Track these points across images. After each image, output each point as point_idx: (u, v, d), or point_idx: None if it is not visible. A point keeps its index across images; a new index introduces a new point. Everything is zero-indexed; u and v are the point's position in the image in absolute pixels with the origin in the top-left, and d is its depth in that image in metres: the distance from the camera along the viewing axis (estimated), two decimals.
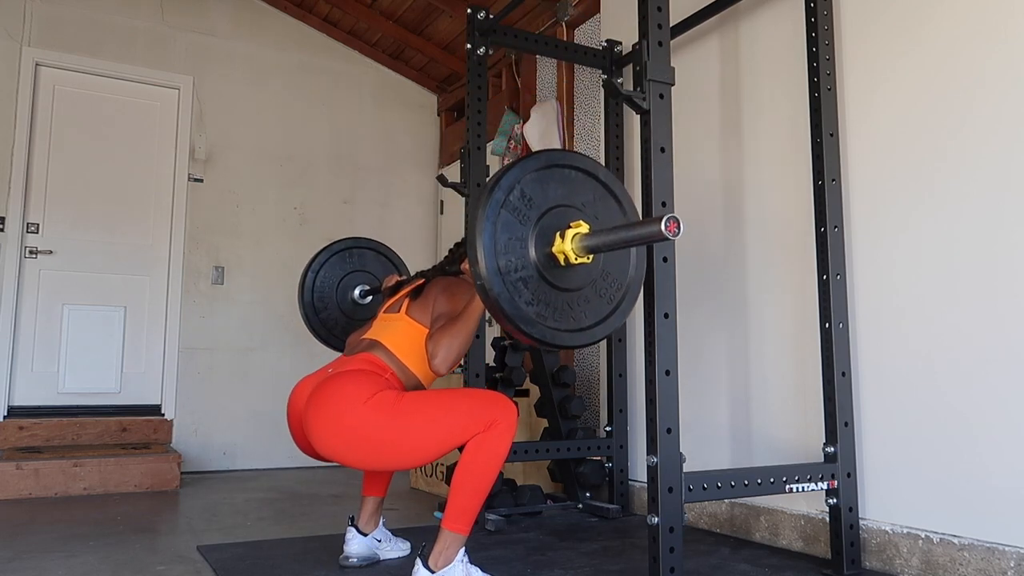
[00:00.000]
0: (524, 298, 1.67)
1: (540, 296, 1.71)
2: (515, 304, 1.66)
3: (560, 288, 1.75)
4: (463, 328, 2.02)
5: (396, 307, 2.24)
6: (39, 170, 4.27)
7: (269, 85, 4.93)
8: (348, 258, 2.81)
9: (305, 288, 2.73)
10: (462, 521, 1.89)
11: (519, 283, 1.67)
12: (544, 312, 1.71)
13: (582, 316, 1.78)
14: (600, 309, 1.82)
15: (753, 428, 2.71)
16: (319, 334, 2.75)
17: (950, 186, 2.16)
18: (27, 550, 2.48)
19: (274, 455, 4.67)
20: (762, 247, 2.74)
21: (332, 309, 2.76)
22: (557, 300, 1.74)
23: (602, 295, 1.82)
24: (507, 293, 1.65)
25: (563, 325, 1.74)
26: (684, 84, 3.09)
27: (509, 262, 1.66)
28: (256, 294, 4.75)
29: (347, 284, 2.79)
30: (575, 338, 1.76)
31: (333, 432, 1.91)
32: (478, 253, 1.62)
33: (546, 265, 1.72)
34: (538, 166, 1.75)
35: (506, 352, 3.25)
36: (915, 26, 2.29)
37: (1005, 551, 1.94)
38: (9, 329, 4.11)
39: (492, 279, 1.63)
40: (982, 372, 2.04)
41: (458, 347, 2.01)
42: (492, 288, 1.63)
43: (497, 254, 1.65)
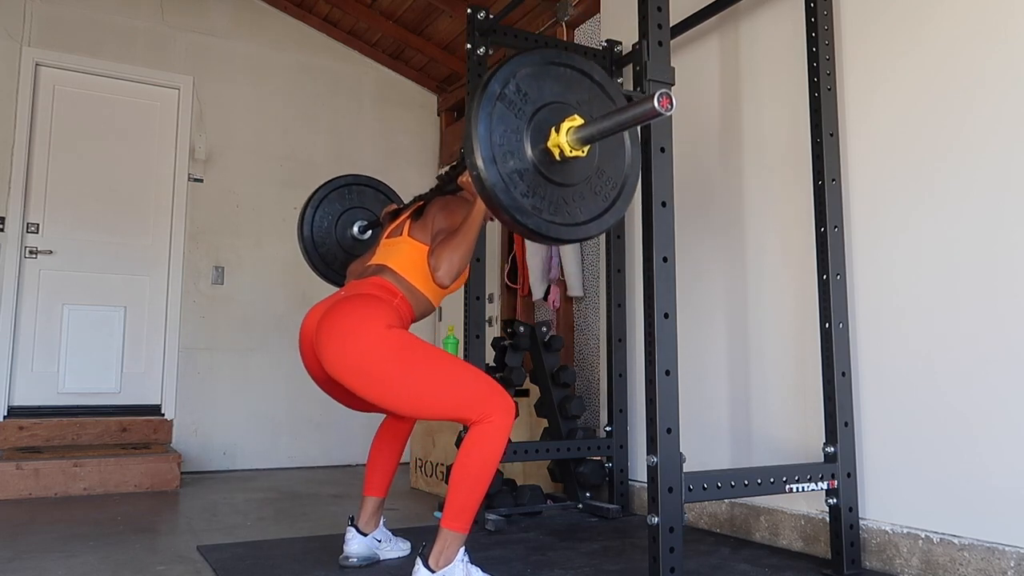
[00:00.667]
0: (520, 190, 1.68)
1: (536, 189, 1.71)
2: (511, 195, 1.67)
3: (556, 183, 1.75)
4: (463, 239, 2.05)
5: (398, 231, 2.26)
6: (39, 170, 4.27)
7: (269, 85, 4.93)
8: (347, 195, 2.80)
9: (304, 223, 2.72)
10: (461, 520, 1.90)
11: (515, 175, 1.68)
12: (540, 205, 1.72)
13: (577, 212, 1.79)
14: (595, 206, 1.82)
15: (753, 428, 2.71)
16: (318, 269, 2.74)
17: (950, 186, 2.16)
18: (27, 550, 2.48)
19: (274, 455, 4.67)
20: (762, 247, 2.74)
21: (331, 245, 2.76)
22: (553, 194, 1.75)
23: (597, 192, 1.83)
24: (503, 183, 1.65)
25: (559, 219, 1.75)
26: (684, 84, 3.09)
27: (505, 154, 1.67)
28: (256, 294, 4.75)
29: (346, 220, 2.79)
30: (571, 232, 1.77)
31: (347, 348, 1.93)
32: (474, 144, 1.63)
33: (542, 160, 1.73)
34: (533, 62, 1.75)
35: (506, 352, 3.26)
36: (915, 26, 2.29)
37: (1005, 551, 1.94)
38: (9, 329, 4.11)
39: (488, 169, 1.63)
40: (982, 372, 2.04)
41: (459, 258, 2.03)
42: (488, 178, 1.64)
43: (493, 146, 1.65)
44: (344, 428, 4.87)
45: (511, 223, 1.69)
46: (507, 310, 4.64)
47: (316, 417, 4.83)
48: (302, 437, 4.78)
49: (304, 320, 2.18)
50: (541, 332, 3.31)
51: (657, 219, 1.96)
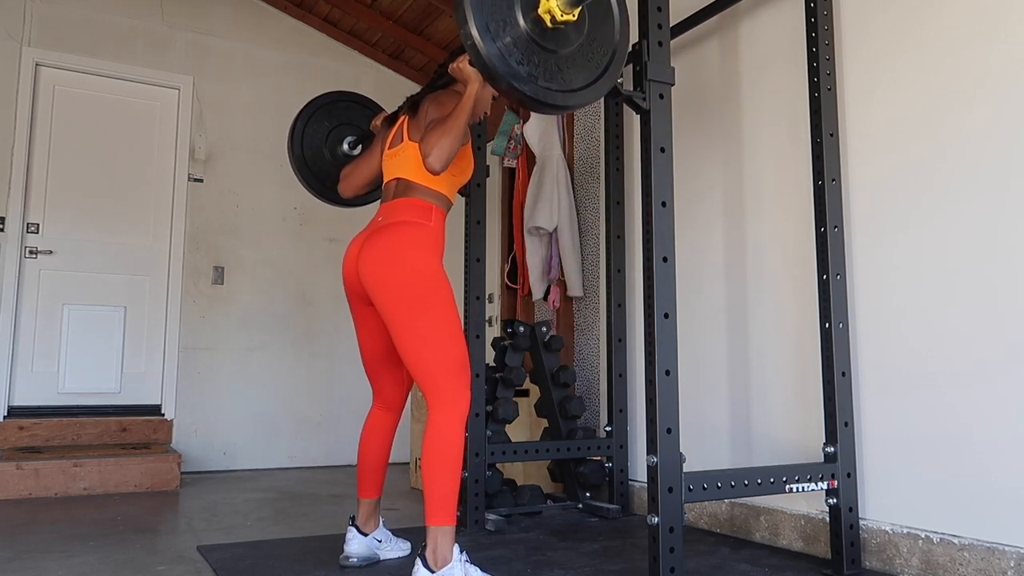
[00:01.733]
0: (515, 57, 1.71)
1: (530, 57, 1.74)
2: (507, 62, 1.69)
3: (549, 49, 1.78)
4: (452, 124, 2.08)
5: (399, 137, 2.29)
6: (39, 170, 4.27)
7: (269, 85, 4.93)
8: (334, 111, 2.79)
9: (295, 140, 2.71)
10: (443, 512, 1.93)
11: (509, 44, 1.71)
12: (535, 72, 1.74)
13: (572, 78, 1.82)
14: (590, 72, 1.86)
15: (753, 428, 2.71)
16: (312, 186, 2.73)
17: (950, 186, 2.16)
18: (27, 550, 2.48)
19: (274, 455, 4.68)
20: (762, 247, 2.74)
21: (323, 162, 2.75)
22: (547, 61, 1.77)
23: (590, 59, 1.86)
24: (498, 52, 1.68)
25: (554, 85, 1.77)
26: (684, 84, 3.09)
27: (498, 23, 1.70)
28: (256, 294, 4.75)
29: (335, 137, 2.78)
30: (567, 98, 1.79)
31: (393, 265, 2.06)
32: (467, 15, 1.65)
33: (534, 28, 1.75)
34: None
35: (506, 352, 3.26)
36: (915, 26, 2.29)
37: (1005, 551, 1.94)
38: (9, 329, 4.11)
39: (483, 39, 1.66)
40: (982, 372, 2.04)
41: (448, 143, 2.06)
42: (484, 47, 1.66)
43: (485, 14, 1.68)
44: (344, 428, 4.87)
45: (508, 90, 1.71)
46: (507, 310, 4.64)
47: (316, 417, 4.83)
48: (302, 437, 4.78)
49: (347, 250, 2.26)
50: (541, 332, 3.31)
51: (657, 219, 1.96)
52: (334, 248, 5.03)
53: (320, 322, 4.93)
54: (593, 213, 3.66)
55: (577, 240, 3.68)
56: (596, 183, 3.66)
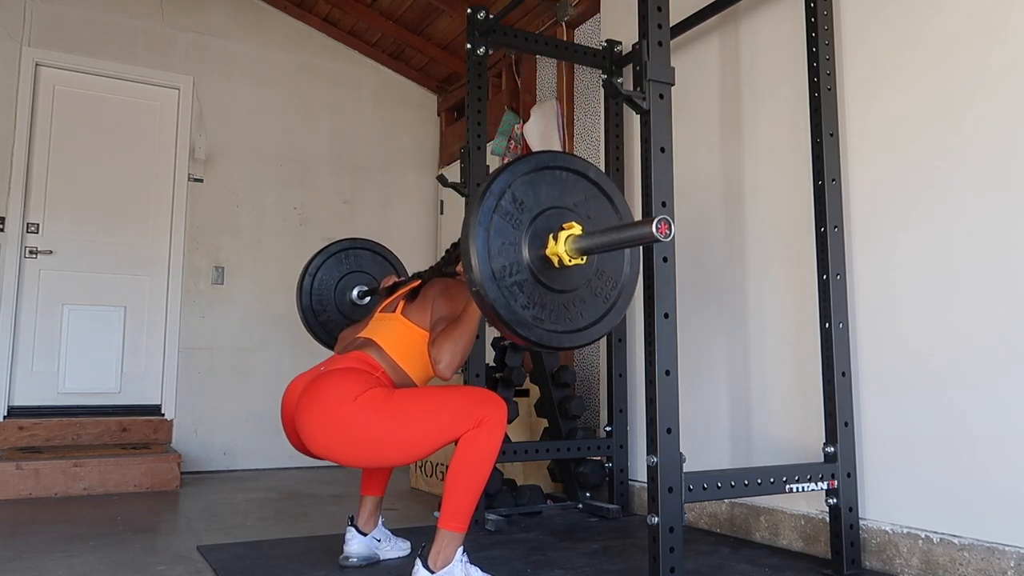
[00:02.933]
0: (520, 302, 1.68)
1: (536, 299, 1.71)
2: (511, 308, 1.66)
3: (556, 290, 1.75)
4: (464, 331, 2.02)
5: (392, 307, 2.24)
6: (39, 170, 4.27)
7: (269, 85, 4.93)
8: (345, 259, 2.81)
9: (303, 291, 2.73)
10: (458, 520, 1.90)
11: (514, 287, 1.68)
12: (540, 315, 1.71)
13: (579, 316, 1.78)
14: (597, 308, 1.82)
15: (753, 428, 2.71)
16: (319, 337, 2.76)
17: (950, 185, 2.16)
18: (27, 550, 2.48)
19: (274, 455, 4.67)
20: (762, 247, 2.74)
21: (331, 311, 2.77)
22: (553, 302, 1.74)
23: (598, 294, 1.83)
24: (503, 298, 1.65)
25: (560, 326, 1.74)
26: (684, 84, 3.09)
27: (503, 267, 1.67)
28: (256, 294, 4.75)
29: (345, 285, 2.80)
30: (573, 339, 1.77)
31: (323, 429, 1.92)
32: (472, 259, 1.63)
33: (540, 268, 1.72)
34: (528, 169, 1.75)
35: (506, 352, 3.25)
36: (915, 25, 2.29)
37: (1005, 551, 1.94)
38: (9, 329, 4.11)
39: (487, 285, 1.63)
40: (982, 372, 2.04)
41: (461, 350, 2.01)
42: (488, 294, 1.63)
43: (491, 259, 1.65)
44: None
45: (511, 336, 1.68)
46: None
47: None
48: None
49: (285, 393, 2.15)
50: None
51: None
52: None
53: None
54: None
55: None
56: None
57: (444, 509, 1.91)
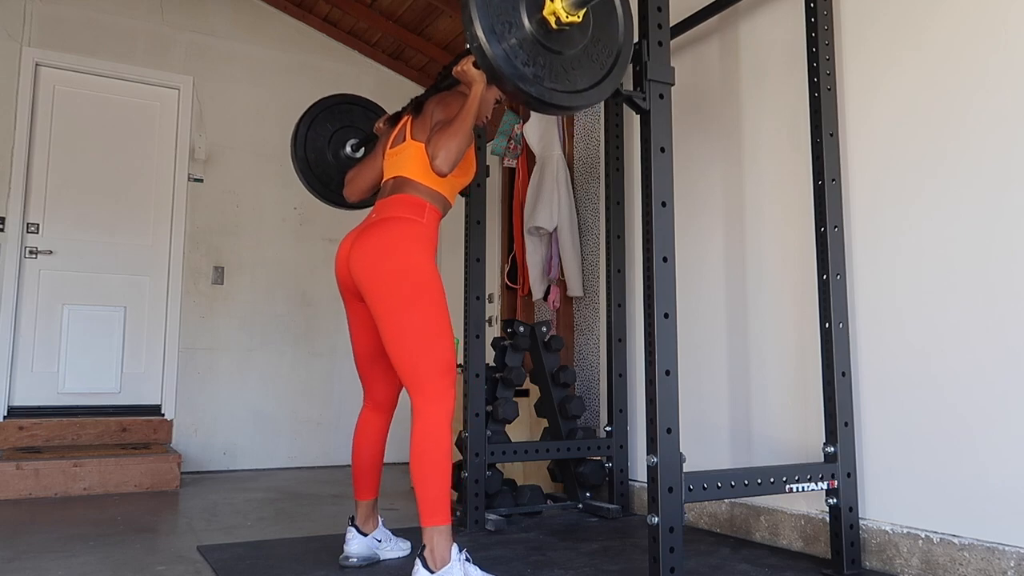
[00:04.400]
0: (520, 59, 1.72)
1: (535, 58, 1.75)
2: (512, 64, 1.70)
3: (554, 51, 1.79)
4: (459, 127, 2.09)
5: (401, 136, 2.30)
6: (39, 170, 4.27)
7: (269, 85, 4.93)
8: (336, 114, 2.80)
9: (298, 143, 2.72)
10: (438, 512, 1.92)
11: (515, 45, 1.72)
12: (540, 73, 1.75)
13: (577, 79, 1.83)
14: (594, 73, 1.87)
15: (753, 428, 2.71)
16: (316, 189, 2.74)
17: (950, 185, 2.16)
18: (27, 550, 2.48)
19: (274, 455, 4.67)
20: (762, 247, 2.74)
21: (326, 165, 2.76)
22: (553, 62, 1.78)
23: (594, 60, 1.87)
24: (504, 54, 1.69)
25: (560, 86, 1.79)
26: (684, 84, 3.09)
27: (503, 25, 1.70)
28: (256, 294, 4.75)
29: (338, 140, 2.79)
30: (572, 99, 1.80)
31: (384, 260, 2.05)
32: (472, 16, 1.66)
33: (539, 29, 1.76)
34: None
35: (506, 352, 3.25)
36: (915, 26, 2.29)
37: (1005, 551, 1.94)
38: (9, 329, 4.11)
39: (489, 40, 1.66)
40: (982, 372, 2.04)
41: (456, 145, 2.07)
42: (489, 48, 1.67)
43: (491, 16, 1.69)
44: (344, 428, 4.87)
45: (514, 92, 1.72)
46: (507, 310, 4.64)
47: (316, 417, 4.83)
48: (302, 437, 4.78)
49: (339, 248, 2.25)
50: (541, 332, 3.31)
51: (657, 219, 1.96)
52: (334, 248, 5.02)
53: (320, 322, 4.93)
54: (593, 213, 3.66)
55: (577, 240, 3.68)
56: (596, 183, 3.66)
57: (422, 509, 1.94)
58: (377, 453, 2.37)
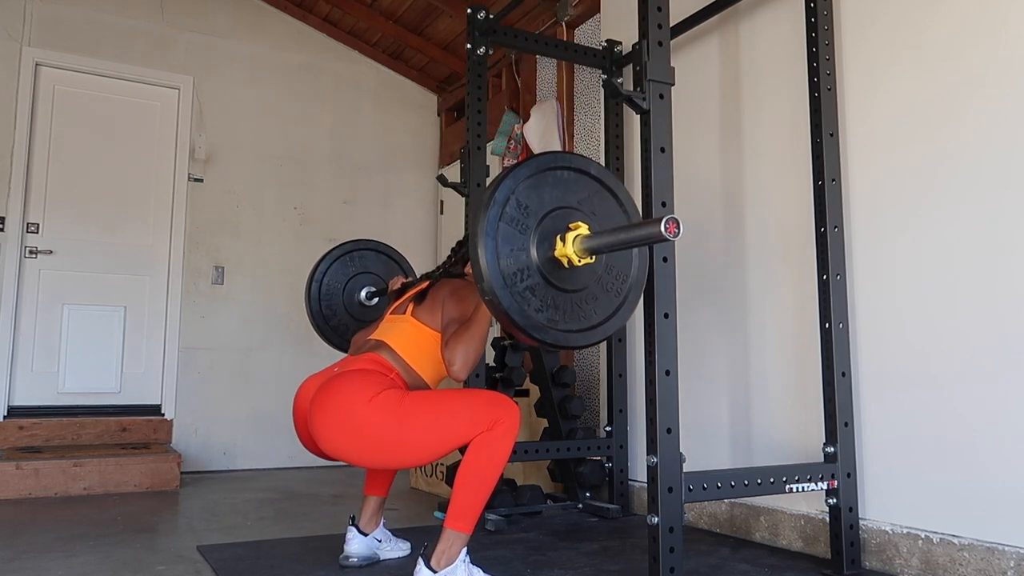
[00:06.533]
0: (533, 306, 1.69)
1: (548, 301, 1.72)
2: (525, 314, 1.67)
3: (567, 290, 1.76)
4: (476, 332, 2.03)
5: (402, 309, 2.24)
6: (39, 170, 4.27)
7: (269, 85, 4.93)
8: (350, 261, 2.82)
9: (312, 298, 2.74)
10: (465, 520, 1.90)
11: (526, 292, 1.68)
12: (554, 316, 1.72)
13: (591, 313, 1.80)
14: (608, 304, 1.84)
15: (753, 428, 2.71)
16: (332, 341, 2.76)
17: (950, 185, 2.16)
18: (27, 550, 2.48)
19: (274, 455, 4.67)
20: (762, 247, 2.74)
21: (341, 314, 2.78)
22: (565, 302, 1.75)
23: (609, 289, 1.84)
24: (516, 304, 1.66)
25: (574, 326, 1.75)
26: (684, 84, 3.09)
27: (514, 273, 1.67)
28: (256, 294, 4.75)
29: (352, 288, 2.80)
30: (587, 337, 1.78)
31: (337, 430, 1.92)
32: (482, 269, 1.63)
33: (550, 270, 1.73)
34: (530, 172, 1.76)
35: (506, 352, 3.25)
36: (915, 26, 2.29)
37: (1005, 551, 1.94)
38: (9, 329, 4.11)
39: (500, 293, 1.64)
40: (982, 372, 2.04)
41: (475, 351, 2.02)
42: (501, 301, 1.64)
43: (501, 267, 1.66)
44: None
45: (527, 339, 1.69)
46: None
47: None
48: None
49: (297, 393, 2.17)
50: None
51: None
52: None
53: None
54: None
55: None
56: None
57: (451, 509, 1.90)
58: None
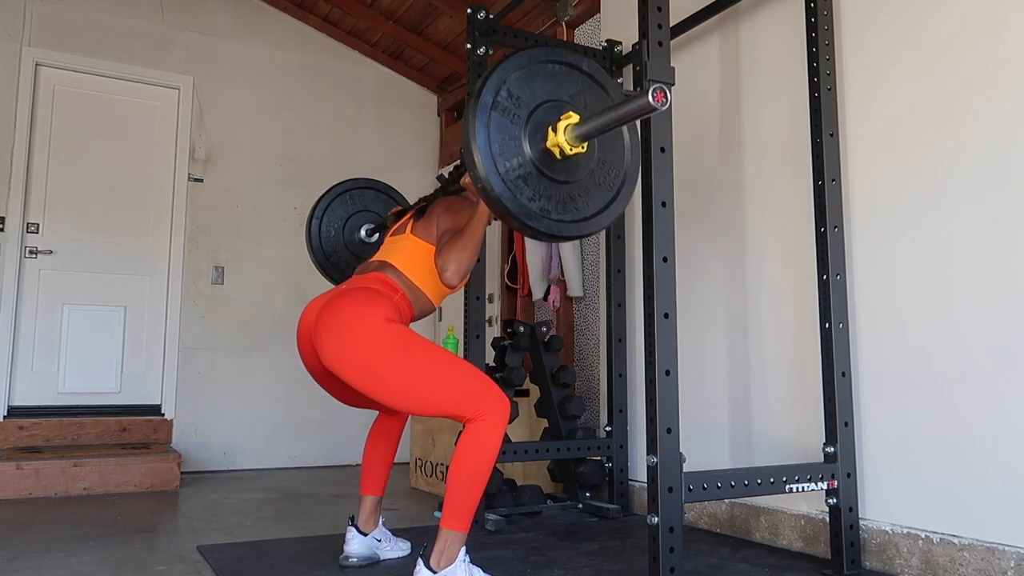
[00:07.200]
0: (526, 195, 1.70)
1: (541, 191, 1.73)
2: (518, 202, 1.69)
3: (560, 181, 1.77)
4: (469, 239, 2.08)
5: (402, 230, 2.28)
6: (39, 170, 4.27)
7: (269, 85, 4.93)
8: (349, 200, 2.82)
9: (312, 235, 2.75)
10: (460, 519, 1.90)
11: (519, 181, 1.70)
12: (547, 206, 1.74)
13: (584, 206, 1.81)
14: (602, 197, 1.85)
15: (753, 428, 2.71)
16: (333, 278, 2.76)
17: (950, 185, 2.16)
18: (27, 550, 2.48)
19: (274, 455, 4.67)
20: (762, 247, 2.74)
21: (341, 252, 2.78)
22: (558, 193, 1.76)
23: (601, 183, 1.85)
24: (509, 192, 1.67)
25: (567, 216, 1.77)
26: (684, 84, 3.09)
27: (506, 162, 1.69)
28: (256, 294, 4.75)
29: (352, 226, 2.81)
30: (580, 228, 1.79)
31: (345, 342, 1.93)
32: (475, 157, 1.65)
33: (543, 160, 1.74)
34: (521, 64, 1.76)
35: (506, 352, 3.26)
36: (915, 26, 2.29)
37: (1005, 551, 1.94)
38: (9, 329, 4.11)
39: (492, 179, 1.65)
40: (982, 372, 2.04)
41: (467, 258, 2.06)
42: (494, 188, 1.65)
43: (494, 155, 1.67)
44: (344, 428, 4.87)
45: (521, 228, 1.71)
46: (507, 310, 4.64)
47: (316, 417, 4.83)
48: (302, 437, 4.78)
49: (302, 313, 2.17)
50: (541, 332, 3.31)
51: (657, 219, 1.96)
52: None
53: None
54: None
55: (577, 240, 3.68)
56: None
57: (446, 509, 1.90)
58: (390, 450, 2.38)
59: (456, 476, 1.90)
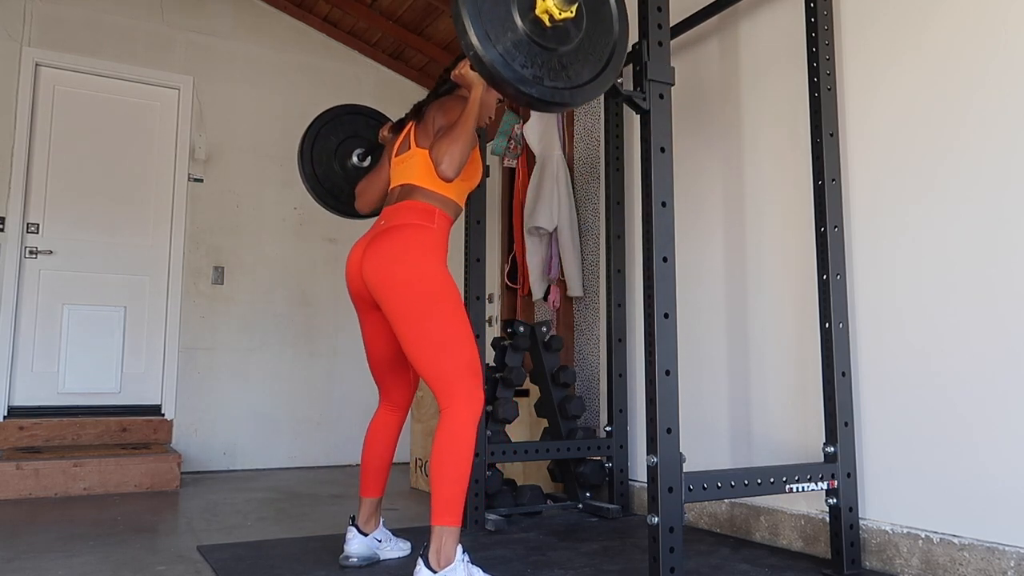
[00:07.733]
0: (518, 61, 1.73)
1: (533, 58, 1.76)
2: (511, 68, 1.71)
3: (550, 48, 1.80)
4: (461, 130, 2.10)
5: (406, 144, 2.31)
6: (39, 170, 4.27)
7: (269, 85, 4.93)
8: (340, 126, 2.80)
9: (304, 159, 2.72)
10: (450, 513, 1.91)
11: (511, 47, 1.73)
12: (540, 73, 1.76)
13: (577, 75, 1.84)
14: (592, 67, 1.88)
15: (753, 428, 2.71)
16: (326, 202, 2.74)
17: (950, 185, 2.16)
18: (27, 550, 2.48)
19: (274, 455, 4.68)
20: (762, 247, 2.74)
21: (335, 177, 2.76)
22: (550, 60, 1.79)
23: (591, 53, 1.88)
24: (501, 58, 1.70)
25: (561, 83, 1.79)
26: (684, 84, 3.09)
27: (497, 29, 1.71)
28: (256, 294, 4.75)
29: (344, 151, 2.79)
30: (574, 95, 1.81)
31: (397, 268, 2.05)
32: (465, 23, 1.67)
33: (533, 29, 1.77)
34: None
35: (506, 352, 3.25)
36: (915, 26, 2.29)
37: (1005, 551, 1.94)
38: (9, 329, 4.11)
39: (484, 46, 1.68)
40: (982, 371, 2.04)
41: (459, 149, 2.08)
42: (486, 54, 1.68)
43: (484, 22, 1.70)
44: (344, 428, 4.87)
45: (516, 96, 1.73)
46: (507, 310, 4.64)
47: (316, 417, 4.83)
48: (302, 437, 4.78)
49: (349, 255, 2.25)
50: (541, 332, 3.31)
51: (657, 219, 1.96)
52: (334, 248, 5.03)
53: (320, 322, 4.93)
54: (593, 213, 3.66)
55: (577, 240, 3.68)
56: (596, 183, 3.66)
57: (435, 506, 1.93)
58: (388, 452, 2.38)
59: (439, 472, 1.94)
